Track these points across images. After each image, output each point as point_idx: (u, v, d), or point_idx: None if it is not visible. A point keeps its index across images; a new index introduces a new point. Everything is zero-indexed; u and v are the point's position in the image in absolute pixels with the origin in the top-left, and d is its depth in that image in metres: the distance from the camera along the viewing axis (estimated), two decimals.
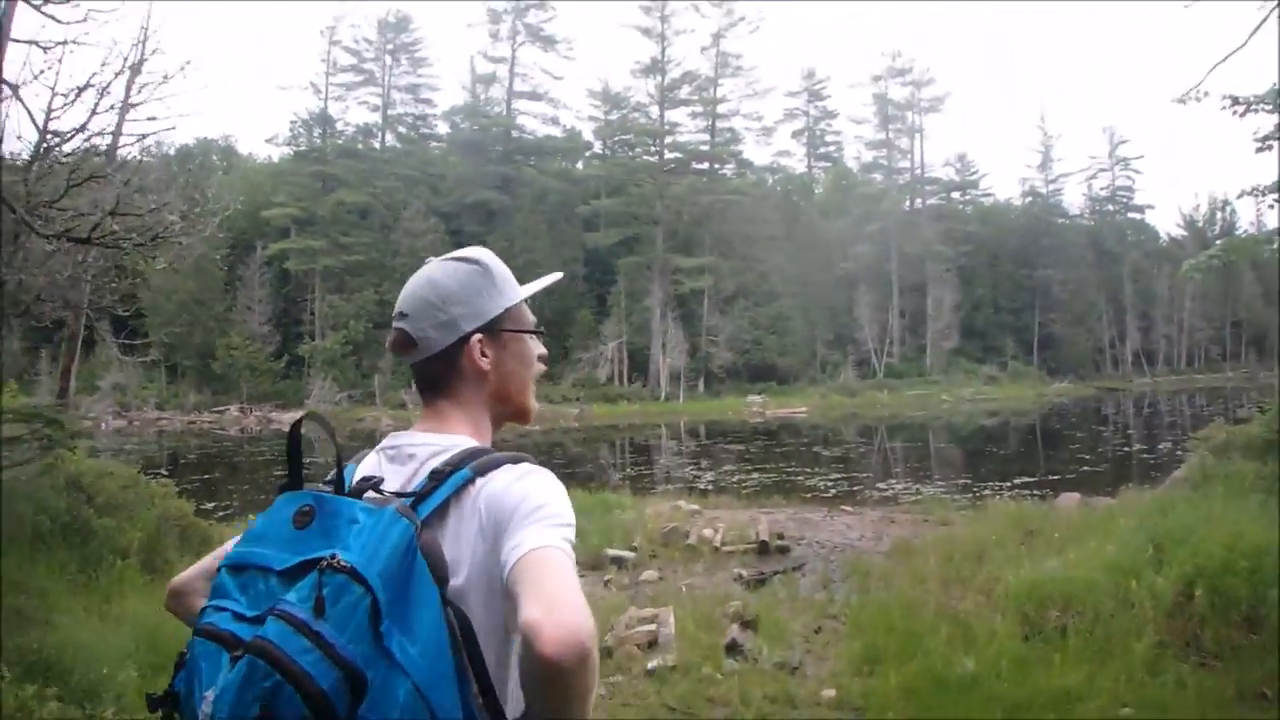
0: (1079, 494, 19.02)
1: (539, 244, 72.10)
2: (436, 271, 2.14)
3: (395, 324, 2.11)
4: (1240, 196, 12.71)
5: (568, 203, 76.98)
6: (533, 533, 1.77)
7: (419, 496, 1.87)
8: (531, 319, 2.29)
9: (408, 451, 2.03)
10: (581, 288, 75.50)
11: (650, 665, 9.08)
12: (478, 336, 2.11)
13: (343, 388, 68.59)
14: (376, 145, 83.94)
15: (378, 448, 2.10)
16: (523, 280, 2.29)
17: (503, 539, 1.78)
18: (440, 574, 1.75)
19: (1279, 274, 57.46)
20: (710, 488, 26.48)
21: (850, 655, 9.43)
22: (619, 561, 15.09)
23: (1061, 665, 8.07)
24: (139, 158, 15.94)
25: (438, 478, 1.90)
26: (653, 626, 10.01)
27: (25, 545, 10.88)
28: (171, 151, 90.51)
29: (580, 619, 1.56)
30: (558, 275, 2.62)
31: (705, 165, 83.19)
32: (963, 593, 10.89)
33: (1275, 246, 13.22)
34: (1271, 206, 12.70)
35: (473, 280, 2.14)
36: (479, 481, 1.89)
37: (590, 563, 15.17)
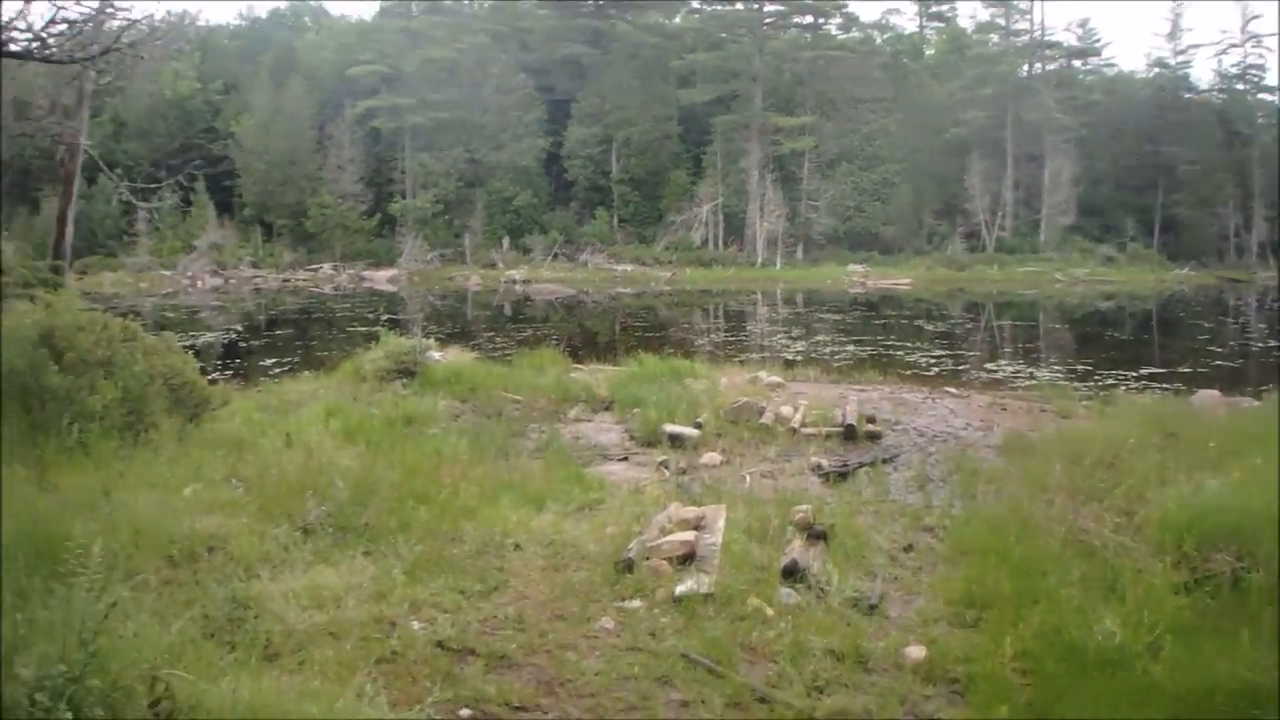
0: (1218, 392, 16.37)
1: (631, 101, 69.78)
2: None
3: None
4: None
5: (662, 58, 73.38)
6: None
7: None
8: None
9: None
10: (676, 147, 72.75)
11: (679, 590, 7.02)
12: None
13: (434, 246, 67.83)
14: (465, 0, 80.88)
15: None
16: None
17: None
18: None
19: None
20: (799, 359, 24.35)
21: (949, 592, 7.24)
22: (677, 440, 13.21)
23: (1251, 643, 5.64)
24: None
25: None
26: (691, 536, 7.89)
27: None
28: (264, 15, 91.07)
29: None
30: None
31: (808, 19, 78.30)
32: (1097, 512, 8.48)
33: None
34: None
35: None
36: None
37: (646, 439, 13.60)
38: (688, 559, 7.64)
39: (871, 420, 14.05)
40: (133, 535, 7.17)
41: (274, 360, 26.22)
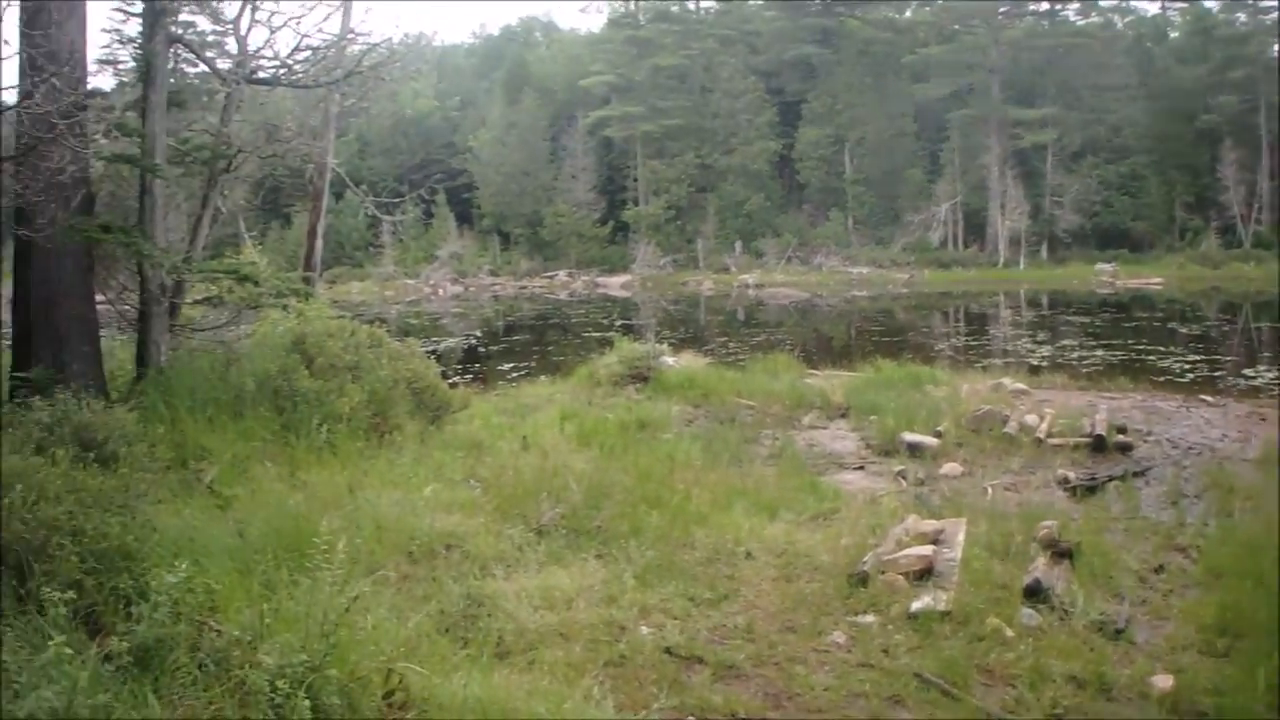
0: None
1: (864, 99, 68.82)
2: None
3: None
4: None
5: (893, 54, 71.89)
6: None
7: None
8: None
9: None
10: (911, 145, 70.86)
11: (914, 606, 6.76)
12: None
13: (666, 252, 68.36)
14: (691, 6, 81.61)
15: None
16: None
17: None
18: None
19: None
20: (1044, 364, 23.36)
21: (1201, 618, 6.75)
22: (916, 449, 12.88)
23: None
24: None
25: None
26: (929, 550, 7.60)
27: (213, 410, 9.83)
28: (496, 32, 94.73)
29: None
30: None
31: (1044, 6, 74.94)
32: None
33: None
34: None
35: None
36: None
37: (883, 448, 13.28)
38: (925, 574, 7.37)
39: (1122, 430, 13.29)
40: (375, 531, 7.48)
41: (511, 365, 27.00)
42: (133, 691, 4.20)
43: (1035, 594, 7.00)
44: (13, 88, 8.88)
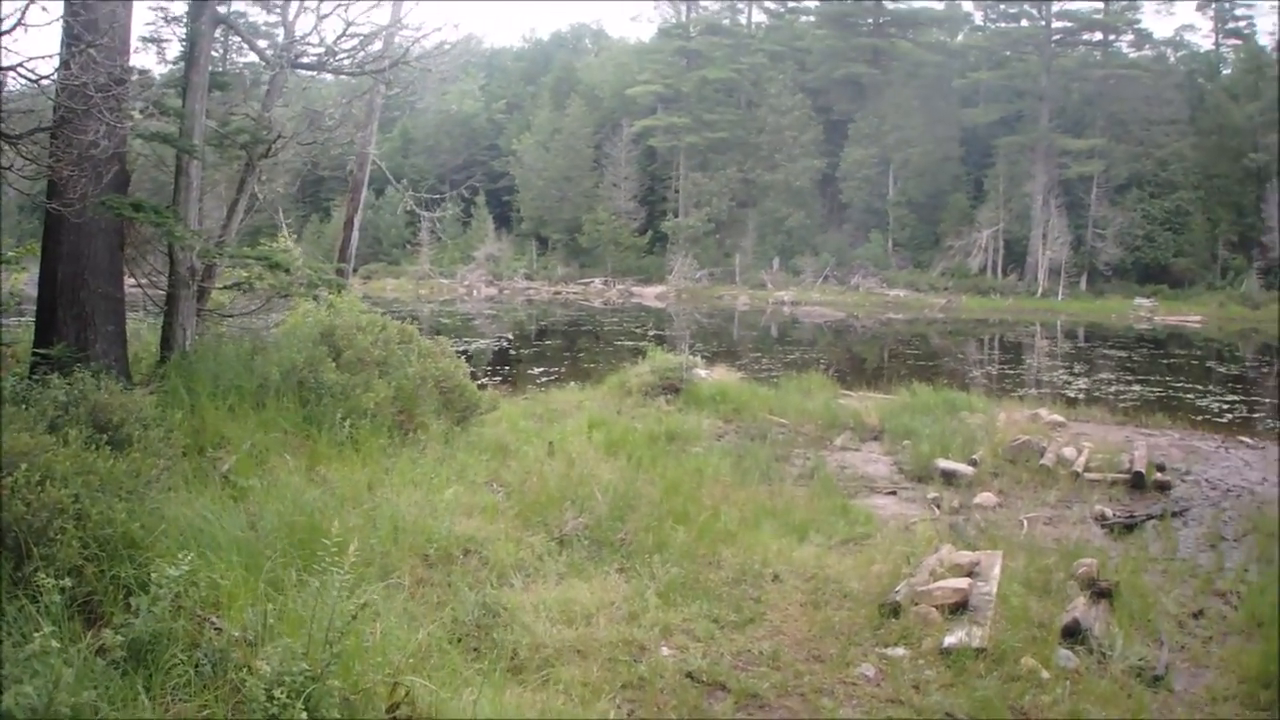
0: None
1: (911, 121, 68.01)
2: None
3: None
4: None
5: (943, 77, 71.00)
6: None
7: None
8: None
9: None
10: (956, 169, 70.03)
11: (948, 641, 6.48)
12: None
13: (703, 265, 68.21)
14: (743, 20, 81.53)
15: None
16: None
17: None
18: None
19: None
20: (1081, 397, 22.96)
21: (1242, 668, 6.46)
22: (951, 477, 12.69)
23: None
24: None
25: None
26: (965, 583, 7.30)
27: (235, 398, 9.60)
28: (546, 38, 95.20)
29: None
30: None
31: (1098, 36, 73.96)
32: None
33: None
34: None
35: None
36: None
37: (916, 474, 13.13)
38: (959, 608, 7.07)
39: (1160, 468, 13.03)
40: (392, 532, 7.24)
41: (542, 369, 26.82)
42: (123, 689, 3.97)
43: (1073, 634, 6.72)
44: (52, 56, 8.63)
